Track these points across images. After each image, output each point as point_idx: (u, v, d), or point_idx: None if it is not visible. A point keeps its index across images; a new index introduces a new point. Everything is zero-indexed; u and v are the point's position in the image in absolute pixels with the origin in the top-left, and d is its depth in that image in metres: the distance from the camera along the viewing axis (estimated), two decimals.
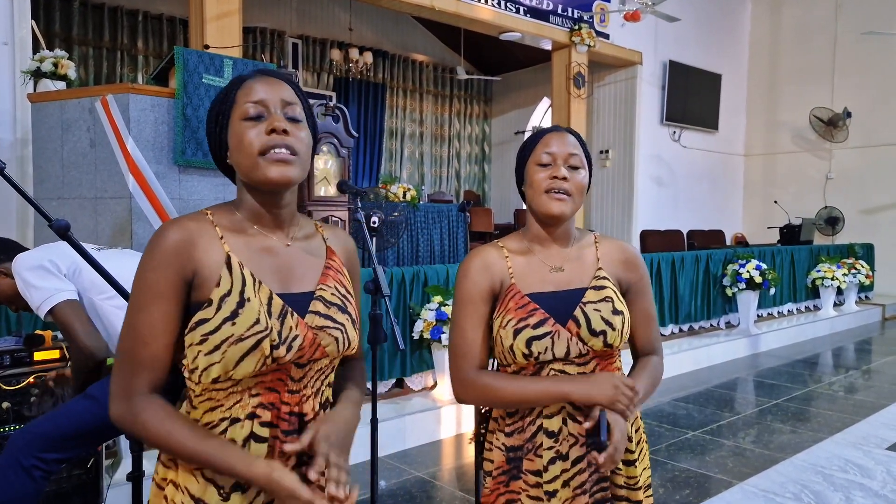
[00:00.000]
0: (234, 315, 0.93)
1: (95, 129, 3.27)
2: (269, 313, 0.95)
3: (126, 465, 2.62)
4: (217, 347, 0.92)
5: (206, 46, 4.30)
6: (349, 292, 1.08)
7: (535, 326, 1.20)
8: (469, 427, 3.77)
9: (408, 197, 6.65)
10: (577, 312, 1.22)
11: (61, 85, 3.63)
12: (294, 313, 0.98)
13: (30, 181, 3.65)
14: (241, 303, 0.94)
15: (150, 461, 2.39)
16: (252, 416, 0.95)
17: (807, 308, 7.65)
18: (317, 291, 1.03)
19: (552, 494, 1.21)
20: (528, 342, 1.20)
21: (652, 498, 1.33)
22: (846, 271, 7.47)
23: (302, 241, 1.06)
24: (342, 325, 1.02)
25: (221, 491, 0.95)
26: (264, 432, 0.96)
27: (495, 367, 1.32)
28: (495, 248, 1.31)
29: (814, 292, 7.59)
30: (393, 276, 3.83)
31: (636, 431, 1.31)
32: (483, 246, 1.33)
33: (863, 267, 7.69)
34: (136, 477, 1.23)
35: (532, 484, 1.22)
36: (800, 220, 8.45)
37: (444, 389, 3.89)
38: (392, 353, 3.81)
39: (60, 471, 1.87)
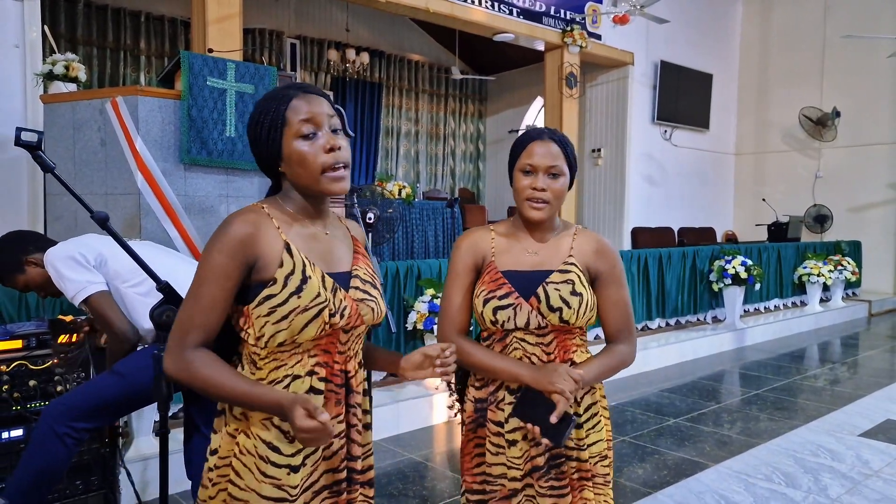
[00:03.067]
0: (298, 290, 1.13)
1: (106, 129, 3.43)
2: (324, 288, 1.16)
3: (137, 444, 2.80)
4: (285, 317, 1.12)
5: (210, 50, 4.46)
6: (374, 272, 1.30)
7: (501, 298, 1.42)
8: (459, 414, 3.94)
9: (403, 194, 6.82)
10: (539, 290, 1.42)
11: (72, 86, 3.79)
12: (341, 288, 1.19)
13: (42, 178, 3.81)
14: (304, 280, 1.14)
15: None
16: (311, 373, 1.16)
17: (793, 304, 7.83)
18: (353, 271, 1.24)
19: (512, 443, 1.42)
20: (495, 311, 1.42)
21: (609, 469, 1.49)
22: (832, 268, 7.65)
23: (335, 229, 1.28)
24: (375, 298, 1.25)
25: (286, 434, 1.14)
26: (320, 385, 1.17)
27: (478, 333, 1.53)
28: (486, 230, 1.53)
29: (800, 288, 7.77)
30: (388, 270, 4.01)
31: (593, 405, 1.48)
32: (475, 228, 1.55)
33: (849, 264, 7.87)
34: (163, 432, 1.41)
35: (494, 433, 1.44)
36: (787, 218, 8.63)
37: (436, 379, 4.06)
38: (387, 342, 3.99)
39: (87, 440, 2.04)
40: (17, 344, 2.11)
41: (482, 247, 1.49)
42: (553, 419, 1.30)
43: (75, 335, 2.21)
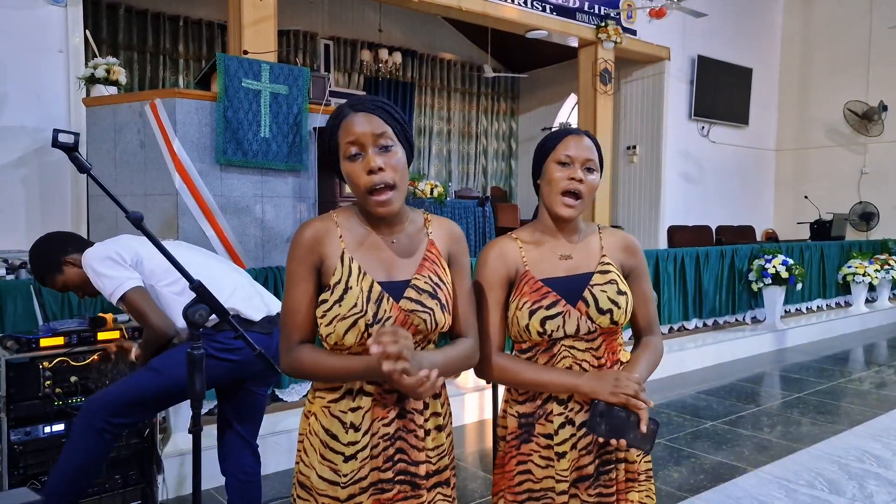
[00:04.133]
0: (340, 299, 1.20)
1: (145, 131, 3.52)
2: (368, 299, 1.20)
3: (175, 440, 2.86)
4: (330, 322, 1.20)
5: (245, 52, 4.53)
6: (442, 280, 1.29)
7: (549, 307, 1.36)
8: (490, 413, 3.93)
9: (435, 193, 6.82)
10: (587, 293, 1.38)
11: (113, 90, 3.89)
12: (390, 298, 1.22)
13: (85, 179, 3.92)
14: (346, 290, 1.20)
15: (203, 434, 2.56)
16: None
17: (837, 304, 7.58)
18: (412, 280, 1.25)
19: (562, 455, 1.37)
20: (543, 321, 1.36)
21: (650, 464, 1.48)
22: (878, 267, 7.38)
23: (407, 236, 1.30)
24: (431, 309, 1.24)
25: (344, 425, 1.22)
26: (370, 388, 1.23)
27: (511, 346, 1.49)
28: (510, 239, 1.47)
29: (844, 289, 7.51)
30: None
31: None
32: (498, 238, 1.49)
33: None
34: (196, 430, 1.43)
35: (543, 445, 1.39)
36: (831, 216, 8.36)
37: (468, 377, 4.05)
38: None
39: (124, 436, 2.09)
40: (59, 341, 2.18)
41: (512, 257, 1.43)
42: (643, 429, 1.29)
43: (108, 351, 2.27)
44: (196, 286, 1.41)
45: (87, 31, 4.47)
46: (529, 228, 1.49)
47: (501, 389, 1.55)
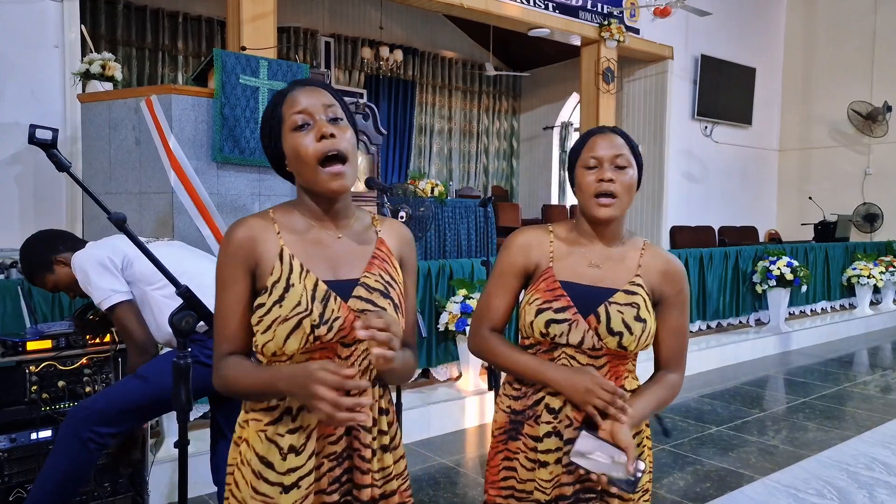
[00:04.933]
0: (280, 299, 1.07)
1: (140, 128, 3.44)
2: (313, 297, 1.07)
3: (168, 444, 2.79)
4: (269, 327, 1.06)
5: (243, 48, 4.46)
6: (394, 279, 1.18)
7: (557, 311, 1.28)
8: (491, 417, 3.87)
9: (435, 192, 6.75)
10: (601, 309, 1.28)
11: (108, 86, 3.82)
12: (337, 297, 1.09)
13: (79, 177, 3.84)
14: (287, 288, 1.07)
15: (190, 438, 2.52)
16: None
17: (842, 306, 7.52)
18: (361, 278, 1.14)
19: (543, 465, 1.29)
20: (547, 323, 1.28)
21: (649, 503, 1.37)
22: (883, 269, 7.31)
23: (354, 233, 1.18)
24: (383, 309, 1.12)
25: (281, 451, 1.08)
26: None
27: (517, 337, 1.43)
28: (544, 230, 1.39)
29: (849, 290, 7.45)
30: (419, 270, 3.94)
31: (637, 434, 1.33)
32: (533, 226, 1.41)
33: None
34: (182, 445, 1.36)
35: (530, 447, 1.31)
36: (835, 217, 8.29)
37: (469, 380, 3.98)
38: (419, 341, 3.92)
39: (111, 444, 2.02)
40: (47, 344, 2.11)
41: (538, 250, 1.36)
42: (630, 468, 1.17)
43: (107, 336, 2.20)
44: (183, 291, 1.34)
45: (83, 27, 4.40)
46: (569, 226, 1.40)
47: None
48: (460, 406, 3.81)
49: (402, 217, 2.77)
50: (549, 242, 1.36)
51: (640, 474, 1.19)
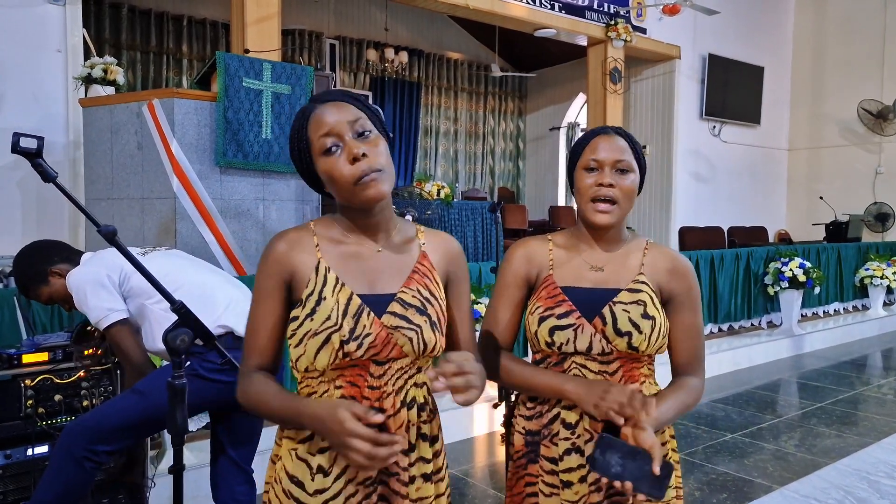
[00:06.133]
0: (312, 312, 1.04)
1: (142, 133, 3.39)
2: (345, 312, 1.04)
3: (170, 455, 2.73)
4: (301, 341, 1.04)
5: (247, 51, 4.41)
6: (433, 295, 1.12)
7: (560, 317, 1.23)
8: (499, 422, 3.80)
9: (441, 195, 6.69)
10: (605, 310, 1.23)
11: (110, 90, 3.78)
12: (371, 313, 1.05)
13: (81, 182, 3.80)
14: (319, 301, 1.05)
15: (190, 451, 2.45)
16: None
17: (854, 308, 7.40)
18: (398, 293, 1.09)
19: (567, 485, 1.22)
20: (551, 331, 1.23)
21: None
22: None
23: (395, 246, 1.14)
24: (418, 326, 1.07)
25: (311, 471, 1.05)
26: None
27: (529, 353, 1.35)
28: (543, 240, 1.35)
29: (862, 291, 7.33)
30: None
31: (662, 445, 1.26)
32: (532, 237, 1.37)
33: None
34: (177, 470, 1.28)
35: (548, 470, 1.24)
36: (847, 217, 8.17)
37: None
38: None
39: (109, 462, 1.96)
40: (43, 357, 2.05)
41: (539, 258, 1.32)
42: (655, 470, 1.08)
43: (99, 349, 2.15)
44: (178, 308, 1.27)
45: (85, 31, 4.36)
46: (568, 234, 1.36)
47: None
48: (469, 414, 3.74)
49: (408, 220, 2.71)
50: (548, 251, 1.32)
51: (666, 479, 1.10)
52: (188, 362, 1.49)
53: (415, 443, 1.09)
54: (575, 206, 1.38)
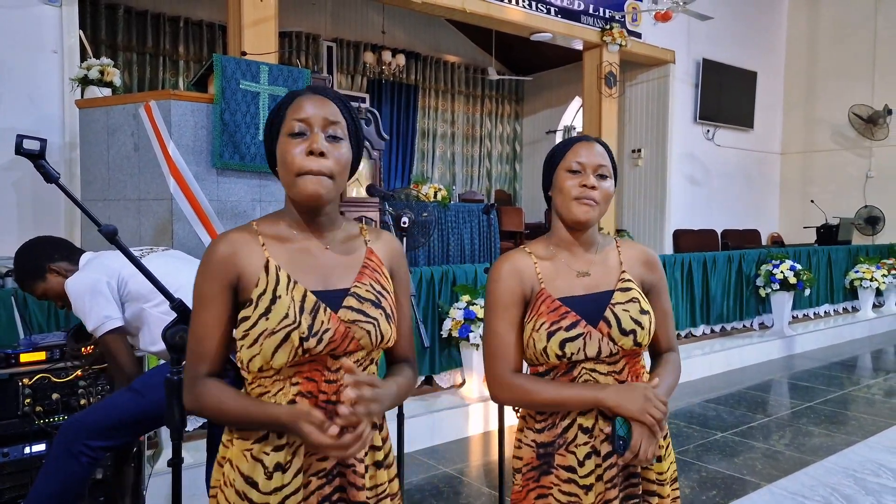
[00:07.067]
0: (267, 311, 1.04)
1: (139, 134, 3.41)
2: (302, 309, 1.04)
3: (166, 455, 2.75)
4: (255, 340, 1.03)
5: (244, 53, 4.44)
6: (385, 289, 1.15)
7: (568, 328, 1.26)
8: (496, 425, 3.82)
9: (438, 197, 6.72)
10: (608, 313, 1.28)
11: (107, 91, 3.79)
12: (327, 308, 1.06)
13: (78, 183, 3.82)
14: (273, 300, 1.04)
15: (186, 450, 2.49)
16: (292, 403, 1.05)
17: (844, 309, 7.47)
18: (352, 288, 1.11)
19: (588, 488, 1.25)
20: (562, 344, 1.25)
21: (678, 491, 1.38)
22: (886, 272, 7.28)
23: (342, 243, 1.15)
24: (375, 319, 1.10)
25: (266, 470, 1.04)
26: None
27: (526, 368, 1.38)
28: (523, 253, 1.36)
29: (852, 293, 7.41)
30: (422, 276, 3.91)
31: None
32: (511, 252, 1.38)
33: None
34: (175, 463, 1.31)
35: (565, 479, 1.27)
36: (837, 220, 8.25)
37: (473, 387, 3.95)
38: (420, 351, 3.88)
39: (105, 458, 1.98)
40: (41, 356, 2.07)
41: (527, 274, 1.32)
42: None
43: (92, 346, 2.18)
44: (177, 305, 1.31)
45: (82, 32, 4.38)
46: (543, 242, 1.39)
47: (508, 409, 1.44)
48: (464, 413, 3.77)
49: (404, 223, 2.72)
50: (532, 264, 1.34)
51: (618, 448, 1.22)
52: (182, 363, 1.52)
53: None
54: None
